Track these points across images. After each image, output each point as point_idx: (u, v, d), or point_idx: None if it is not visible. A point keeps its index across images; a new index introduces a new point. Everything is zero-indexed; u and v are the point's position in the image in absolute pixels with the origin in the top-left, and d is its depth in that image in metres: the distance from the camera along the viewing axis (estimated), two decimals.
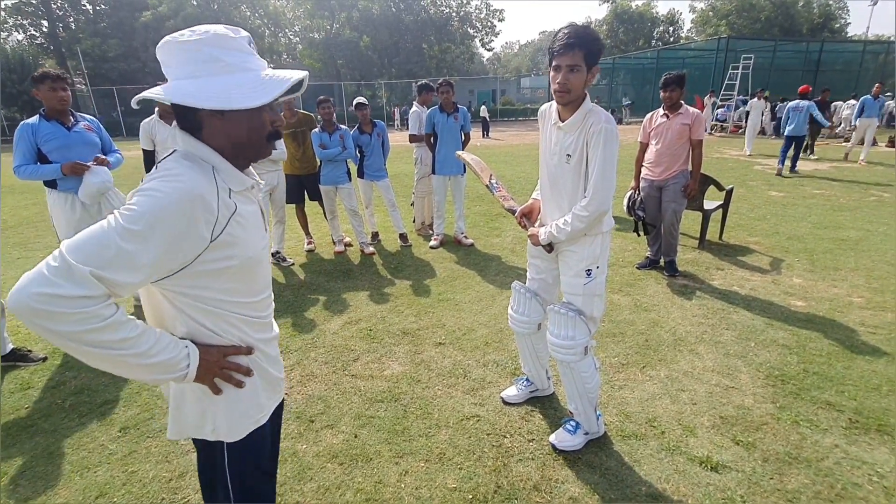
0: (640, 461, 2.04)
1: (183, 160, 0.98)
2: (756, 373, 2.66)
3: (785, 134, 8.93)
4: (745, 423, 2.26)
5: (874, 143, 10.71)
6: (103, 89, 27.06)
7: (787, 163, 9.03)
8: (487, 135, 19.69)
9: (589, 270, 1.95)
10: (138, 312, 1.11)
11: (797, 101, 8.90)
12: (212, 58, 0.95)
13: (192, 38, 0.96)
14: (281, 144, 4.36)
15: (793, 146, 8.94)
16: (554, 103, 1.92)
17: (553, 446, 2.11)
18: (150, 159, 4.07)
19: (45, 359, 2.98)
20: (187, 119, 1.00)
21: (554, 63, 1.77)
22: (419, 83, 5.58)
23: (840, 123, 15.61)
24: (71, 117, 3.17)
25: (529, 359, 2.38)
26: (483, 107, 21.50)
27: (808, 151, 11.09)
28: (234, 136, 1.02)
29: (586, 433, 2.13)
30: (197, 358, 1.02)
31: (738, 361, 2.78)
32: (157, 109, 3.99)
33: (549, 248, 2.06)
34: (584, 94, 1.83)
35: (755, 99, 12.05)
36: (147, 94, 1.00)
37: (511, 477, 1.97)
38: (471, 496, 1.88)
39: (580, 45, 1.70)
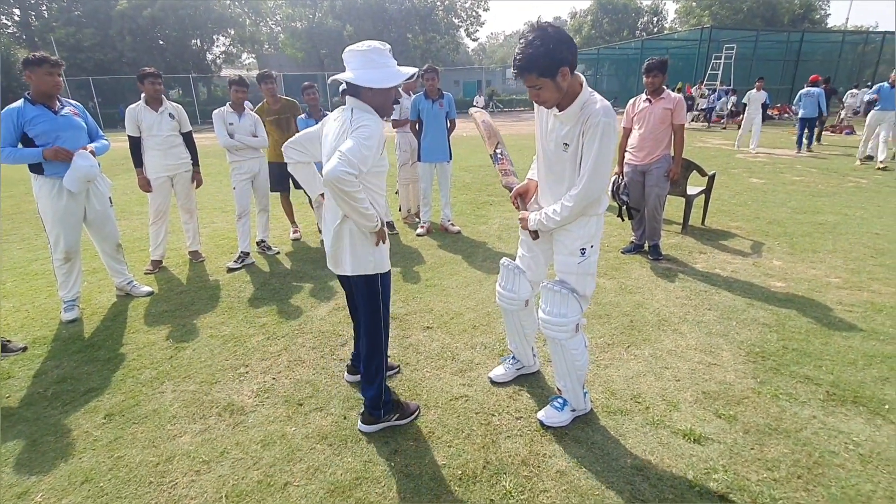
0: (625, 435, 2.08)
1: (364, 113, 1.85)
2: (737, 350, 2.72)
3: (799, 117, 10.12)
4: (726, 397, 2.31)
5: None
6: (79, 80, 26.26)
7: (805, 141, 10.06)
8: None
9: (583, 249, 1.95)
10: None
11: (808, 88, 10.03)
12: (373, 61, 1.83)
13: (363, 49, 1.82)
14: (262, 131, 4.30)
15: (806, 127, 10.11)
16: None
17: (541, 422, 2.13)
18: (136, 146, 3.96)
19: (25, 348, 2.92)
20: (356, 90, 1.85)
21: None
22: None
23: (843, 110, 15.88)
24: (57, 102, 3.10)
25: (516, 336, 2.40)
26: (478, 97, 21.53)
27: (818, 140, 11.29)
28: (378, 100, 1.87)
29: (573, 410, 2.16)
30: (382, 221, 1.91)
31: (720, 340, 2.84)
32: (143, 96, 3.90)
33: (535, 234, 2.08)
34: (578, 85, 1.77)
35: (754, 90, 10.63)
36: (338, 76, 1.86)
37: (500, 453, 1.99)
38: (460, 472, 1.90)
39: (527, 69, 1.68)
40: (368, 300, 2.02)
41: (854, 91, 16.15)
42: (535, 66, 1.66)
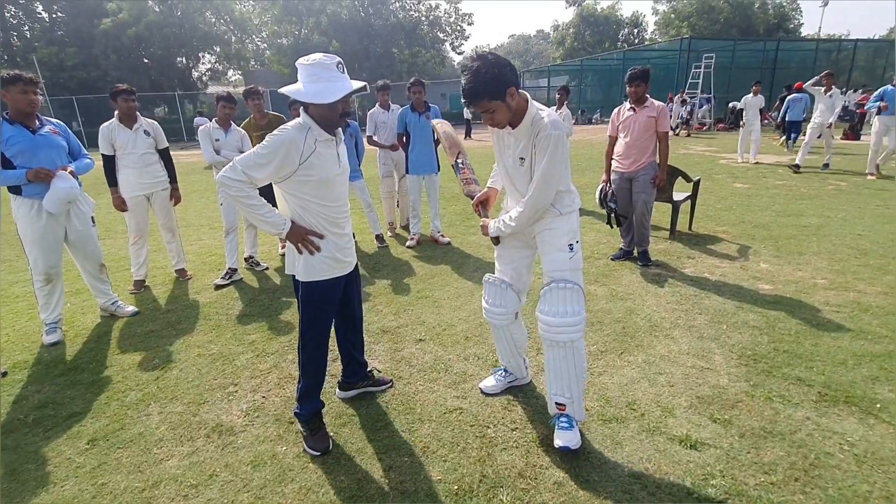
0: (621, 443, 2.06)
1: (293, 122, 1.89)
2: (729, 354, 2.73)
3: (788, 120, 11.22)
4: (720, 401, 2.31)
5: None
6: (62, 99, 26.05)
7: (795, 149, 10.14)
8: (470, 136, 19.96)
9: (571, 245, 1.98)
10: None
11: (795, 94, 11.03)
12: (315, 74, 1.82)
13: (307, 63, 1.82)
14: (249, 146, 4.27)
15: (792, 129, 11.32)
16: None
17: (567, 449, 1.97)
18: (110, 164, 3.86)
19: (5, 374, 2.84)
20: (302, 104, 1.87)
21: None
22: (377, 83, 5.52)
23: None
24: (36, 121, 3.05)
25: (508, 350, 2.37)
26: (466, 109, 21.75)
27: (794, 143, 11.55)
28: (322, 114, 1.88)
29: (576, 421, 2.08)
30: (289, 227, 1.93)
31: (712, 344, 2.84)
32: (116, 113, 3.84)
33: (496, 240, 2.19)
34: (524, 102, 1.85)
35: (750, 95, 9.84)
36: (284, 90, 1.86)
37: (496, 466, 1.96)
38: (456, 487, 1.86)
39: (476, 96, 1.77)
40: (299, 303, 2.07)
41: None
42: (486, 91, 1.75)
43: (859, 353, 2.67)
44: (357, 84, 1.88)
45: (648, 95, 4.01)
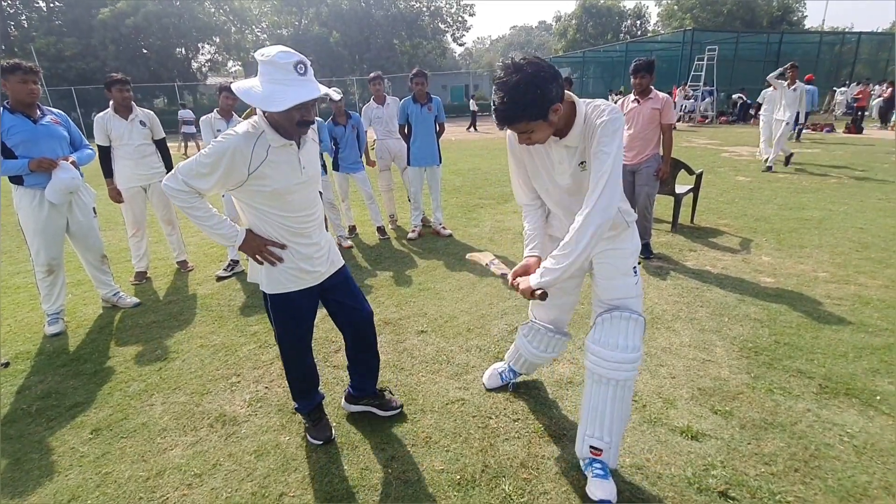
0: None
1: (243, 124, 1.67)
2: (730, 346, 2.74)
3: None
4: (721, 393, 2.32)
5: None
6: (60, 90, 25.88)
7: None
8: (475, 128, 19.88)
9: (635, 268, 1.72)
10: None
11: (806, 85, 9.74)
12: (268, 73, 1.55)
13: (262, 59, 1.55)
14: None
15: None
16: None
17: (607, 502, 1.72)
18: (106, 155, 3.82)
19: (7, 364, 2.85)
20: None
21: None
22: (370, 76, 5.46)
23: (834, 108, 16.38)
24: (38, 110, 3.03)
25: (530, 367, 2.33)
26: (472, 101, 21.70)
27: (797, 139, 11.51)
28: (275, 119, 1.65)
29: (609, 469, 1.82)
30: (242, 238, 1.75)
31: (713, 336, 2.85)
32: (111, 104, 3.81)
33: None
34: (571, 106, 1.51)
35: (770, 89, 8.39)
36: (236, 86, 1.60)
37: (498, 456, 1.97)
38: (458, 476, 1.87)
39: (513, 120, 1.43)
40: (268, 315, 1.96)
41: (844, 89, 16.64)
42: (526, 114, 1.41)
43: (860, 345, 2.67)
44: (313, 93, 1.57)
45: (653, 87, 3.99)
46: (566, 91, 1.50)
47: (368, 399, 2.25)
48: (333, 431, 2.13)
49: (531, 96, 1.37)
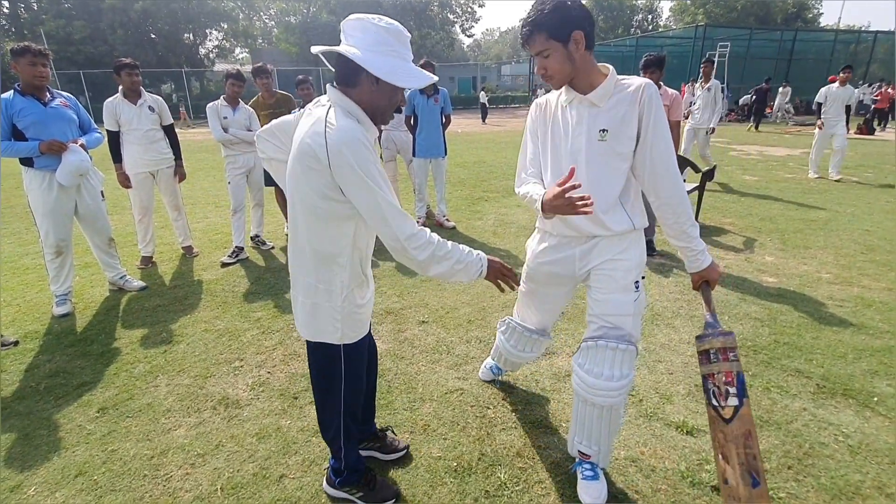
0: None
1: (342, 120, 1.26)
2: None
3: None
4: None
5: None
6: (69, 73, 25.95)
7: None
8: (484, 120, 19.80)
9: (637, 283, 1.61)
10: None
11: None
12: (388, 43, 1.27)
13: (381, 24, 1.26)
14: (257, 125, 4.27)
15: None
16: (555, 91, 1.62)
17: None
18: (115, 140, 3.85)
19: (16, 343, 2.90)
20: (350, 77, 1.30)
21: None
22: None
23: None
24: (48, 93, 3.06)
25: (515, 365, 2.30)
26: (482, 93, 21.56)
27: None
28: (377, 100, 1.33)
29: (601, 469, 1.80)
30: (487, 265, 1.43)
31: None
32: (120, 88, 3.83)
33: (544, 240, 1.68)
34: (595, 65, 1.50)
35: (835, 85, 7.10)
36: (338, 48, 1.26)
37: (495, 445, 2.01)
38: (455, 464, 1.91)
39: (537, 27, 1.43)
40: (326, 371, 1.57)
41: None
42: (547, 25, 1.41)
43: (860, 347, 2.68)
44: (432, 76, 1.41)
45: (662, 83, 3.97)
46: (606, 65, 1.52)
47: (369, 443, 1.94)
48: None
49: (554, 8, 1.40)
